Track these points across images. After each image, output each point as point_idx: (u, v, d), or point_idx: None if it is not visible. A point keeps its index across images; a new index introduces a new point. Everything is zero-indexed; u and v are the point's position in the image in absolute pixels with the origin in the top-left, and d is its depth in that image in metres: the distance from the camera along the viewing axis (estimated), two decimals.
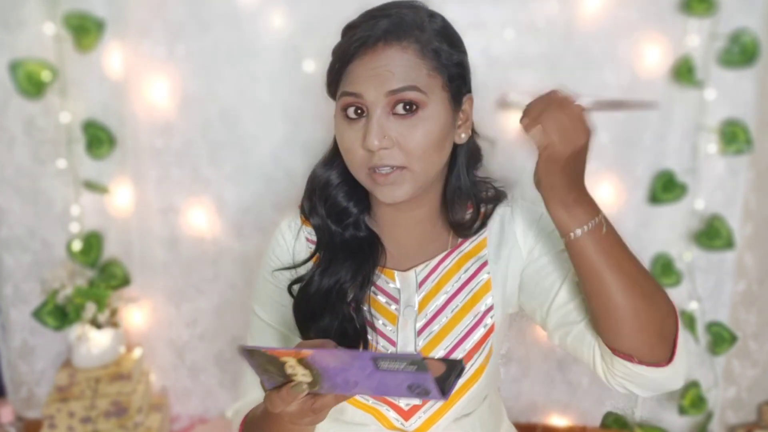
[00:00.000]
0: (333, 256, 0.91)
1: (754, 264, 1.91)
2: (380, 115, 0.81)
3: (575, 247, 0.79)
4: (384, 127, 0.81)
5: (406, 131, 0.82)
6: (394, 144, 0.82)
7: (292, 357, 0.66)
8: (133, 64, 1.75)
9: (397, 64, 0.81)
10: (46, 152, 1.80)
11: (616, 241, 0.80)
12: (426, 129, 0.83)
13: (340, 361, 0.66)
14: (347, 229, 0.93)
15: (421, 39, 0.83)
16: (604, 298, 0.79)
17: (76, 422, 1.74)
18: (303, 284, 0.91)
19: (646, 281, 0.81)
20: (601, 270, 0.78)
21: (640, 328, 0.80)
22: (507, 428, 1.06)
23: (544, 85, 1.76)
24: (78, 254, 1.81)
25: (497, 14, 1.73)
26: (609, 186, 1.83)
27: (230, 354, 1.94)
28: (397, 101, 0.81)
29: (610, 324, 0.81)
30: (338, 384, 0.68)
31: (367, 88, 0.81)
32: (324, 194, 0.93)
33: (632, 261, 0.81)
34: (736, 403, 2.00)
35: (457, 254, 0.93)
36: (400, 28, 0.82)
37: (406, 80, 0.81)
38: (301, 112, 1.76)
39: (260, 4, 1.72)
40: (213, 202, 1.84)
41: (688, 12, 1.71)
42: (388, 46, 0.82)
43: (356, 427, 0.94)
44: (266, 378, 0.70)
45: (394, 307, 0.92)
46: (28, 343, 1.92)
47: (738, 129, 1.77)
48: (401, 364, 0.64)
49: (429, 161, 0.84)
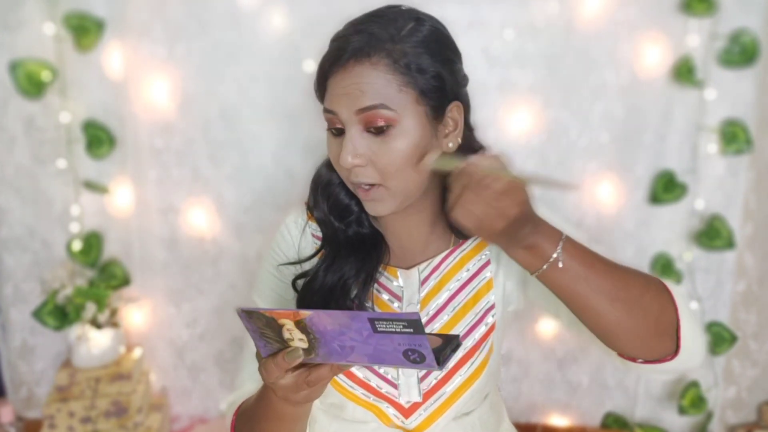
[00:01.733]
0: (337, 253, 0.92)
1: (754, 264, 1.91)
2: (354, 133, 0.81)
3: (546, 280, 0.78)
4: (356, 146, 0.81)
5: (378, 149, 0.81)
6: (368, 162, 0.82)
7: (290, 319, 0.67)
8: (133, 64, 1.75)
9: (366, 81, 0.80)
10: (46, 152, 1.80)
11: (586, 262, 0.79)
12: (398, 146, 0.81)
13: (338, 322, 0.66)
14: (350, 226, 0.93)
15: (393, 54, 0.81)
16: (589, 318, 0.80)
17: (76, 422, 1.74)
18: (308, 279, 0.92)
19: (628, 290, 0.79)
20: (578, 294, 0.78)
21: (634, 336, 0.80)
22: (507, 428, 1.06)
23: (544, 85, 1.75)
24: (78, 254, 1.81)
25: (497, 14, 1.73)
26: (609, 186, 1.83)
27: (230, 354, 1.95)
28: (367, 119, 0.80)
29: (604, 337, 0.81)
30: (334, 350, 0.68)
31: (340, 107, 0.82)
32: (326, 192, 0.94)
33: (609, 275, 0.79)
34: (736, 403, 2.00)
35: (459, 253, 0.94)
36: (370, 44, 0.81)
37: (376, 98, 0.80)
38: (301, 112, 1.76)
39: (260, 4, 1.72)
40: (213, 202, 1.84)
41: (688, 12, 1.71)
42: (359, 63, 0.81)
43: (356, 424, 0.94)
44: (263, 344, 0.71)
45: (396, 305, 0.93)
46: (28, 343, 1.92)
47: (738, 129, 1.77)
48: (398, 326, 0.64)
49: (404, 178, 0.83)
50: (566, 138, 1.81)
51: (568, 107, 1.79)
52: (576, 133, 1.80)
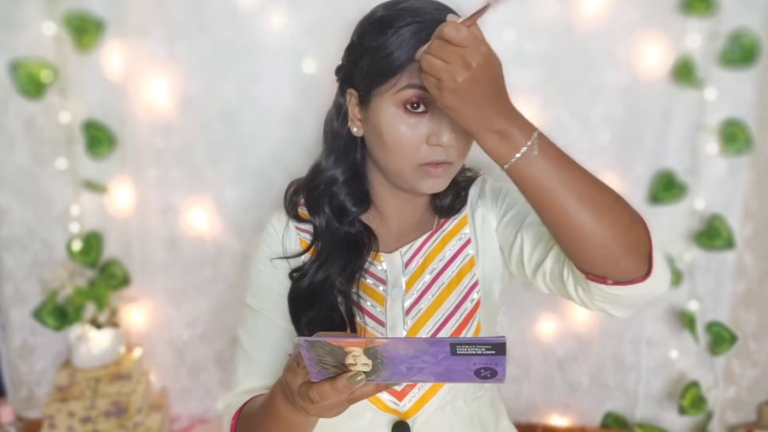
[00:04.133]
0: (330, 251, 0.93)
1: (754, 264, 1.91)
2: (444, 112, 0.80)
3: (515, 174, 0.76)
4: (453, 125, 0.83)
5: (460, 130, 0.84)
6: (454, 142, 0.85)
7: (360, 347, 0.65)
8: (133, 64, 1.75)
9: None
10: (46, 152, 1.80)
11: (560, 159, 0.77)
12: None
13: (414, 347, 0.65)
14: (344, 226, 0.95)
15: None
16: (558, 220, 0.76)
17: (76, 422, 1.74)
18: (299, 274, 0.94)
19: (600, 194, 0.76)
20: (549, 191, 0.75)
21: (603, 243, 0.74)
22: (506, 427, 1.06)
23: (544, 85, 1.76)
24: (78, 254, 1.81)
25: (497, 14, 1.72)
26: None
27: (230, 354, 1.94)
28: None
29: (573, 247, 0.77)
30: (400, 372, 0.67)
31: None
32: (329, 191, 0.95)
33: (581, 176, 0.77)
34: (736, 403, 2.00)
35: (440, 234, 0.97)
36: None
37: None
38: (301, 112, 1.76)
39: (260, 4, 1.72)
40: (213, 202, 1.84)
41: (688, 12, 1.71)
42: None
43: (353, 419, 0.93)
44: (317, 371, 0.68)
45: (381, 288, 0.94)
46: (28, 343, 1.92)
47: (738, 129, 1.77)
48: (481, 349, 0.63)
49: (465, 159, 0.90)
50: (566, 138, 1.80)
51: (568, 107, 1.79)
52: (576, 133, 1.80)
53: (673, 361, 1.93)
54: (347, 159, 0.94)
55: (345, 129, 0.93)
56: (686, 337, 1.90)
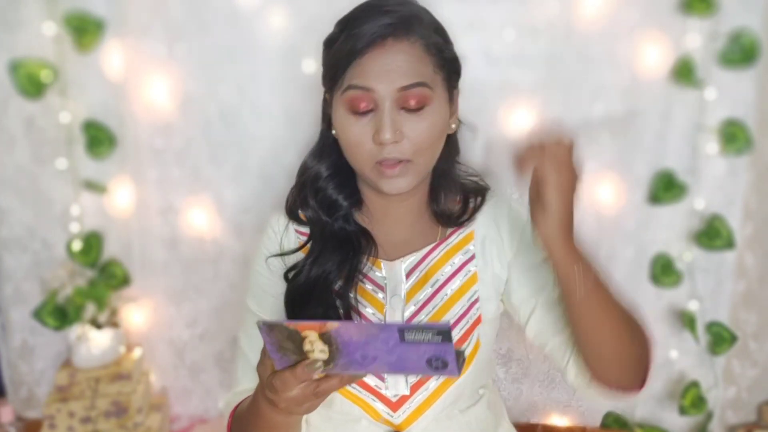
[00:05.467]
0: (323, 247, 0.93)
1: (754, 264, 1.91)
2: (390, 109, 0.83)
3: (579, 299, 0.81)
4: (395, 122, 0.83)
5: (415, 126, 0.84)
6: (404, 138, 0.84)
7: (315, 330, 0.66)
8: (133, 64, 1.75)
9: (406, 59, 0.83)
10: (46, 152, 1.80)
11: (606, 287, 0.83)
12: (432, 123, 0.85)
13: (365, 333, 0.66)
14: (337, 221, 0.95)
15: (425, 34, 0.84)
16: (595, 342, 0.84)
17: (76, 422, 1.74)
18: (295, 272, 0.94)
19: (631, 322, 0.84)
20: (597, 318, 0.81)
21: (625, 366, 0.84)
22: (507, 428, 1.06)
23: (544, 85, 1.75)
24: (78, 254, 1.81)
25: (497, 14, 1.73)
26: (609, 186, 1.83)
27: (230, 354, 1.94)
28: (407, 97, 0.83)
29: (596, 362, 0.86)
30: (355, 360, 0.68)
31: (379, 84, 0.82)
32: (314, 187, 0.96)
33: (619, 304, 0.84)
34: (736, 403, 2.00)
35: (445, 247, 0.96)
36: (408, 24, 0.83)
37: (416, 76, 0.83)
38: (301, 112, 1.76)
39: (260, 4, 1.72)
40: (213, 202, 1.84)
41: (688, 12, 1.71)
42: (398, 41, 0.83)
43: (349, 424, 0.94)
44: (279, 356, 0.70)
45: (381, 296, 0.94)
46: (28, 343, 1.92)
47: (738, 129, 1.77)
48: (427, 335, 0.64)
49: (431, 154, 0.88)
50: None
51: (568, 107, 1.79)
52: (576, 133, 1.80)
53: (673, 361, 1.93)
54: (330, 157, 0.95)
55: (327, 130, 0.95)
56: (686, 337, 1.90)
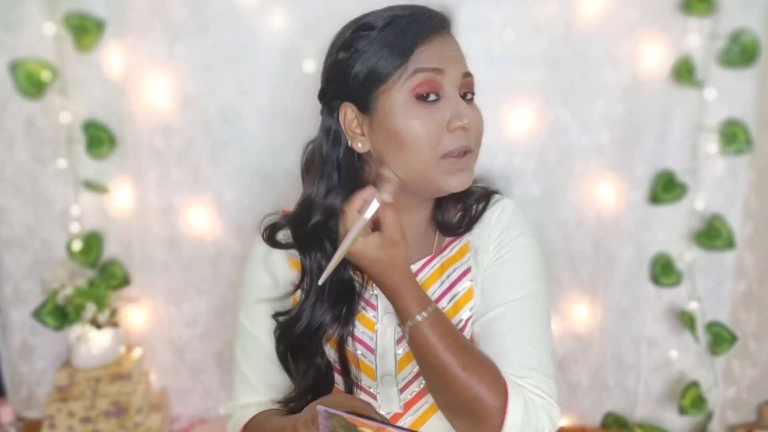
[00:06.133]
0: (320, 293, 0.87)
1: (754, 264, 1.91)
2: (458, 95, 0.82)
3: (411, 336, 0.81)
4: (469, 106, 0.83)
5: (475, 114, 0.83)
6: (471, 125, 0.82)
7: (372, 429, 0.68)
8: (133, 64, 1.75)
9: (460, 50, 0.85)
10: (46, 152, 1.80)
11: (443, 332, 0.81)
12: (480, 114, 0.86)
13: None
14: (346, 270, 0.88)
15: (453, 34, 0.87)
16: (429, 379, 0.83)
17: (76, 422, 1.74)
18: (290, 319, 0.89)
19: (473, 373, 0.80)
20: (424, 365, 0.81)
21: (450, 411, 0.83)
22: None
23: (544, 85, 1.75)
24: (78, 254, 1.81)
25: (498, 14, 1.73)
26: (609, 186, 1.83)
27: (230, 354, 1.94)
28: (468, 84, 0.84)
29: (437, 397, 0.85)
30: None
31: (450, 67, 0.82)
32: (326, 227, 0.87)
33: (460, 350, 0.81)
34: (736, 403, 2.00)
35: (439, 260, 0.90)
36: (451, 20, 0.86)
37: (468, 66, 0.85)
38: (301, 112, 1.76)
39: (260, 4, 1.72)
40: (213, 202, 1.84)
41: (688, 12, 1.71)
42: (449, 34, 0.85)
43: None
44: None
45: (371, 314, 0.89)
46: (28, 343, 1.92)
47: (738, 129, 1.77)
48: None
49: (480, 145, 0.87)
50: (566, 138, 1.81)
51: (568, 107, 1.79)
52: (576, 133, 1.80)
53: (673, 361, 1.93)
54: (348, 183, 0.85)
55: (337, 152, 0.86)
56: (686, 337, 1.90)
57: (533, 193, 1.84)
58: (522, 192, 1.83)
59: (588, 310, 1.92)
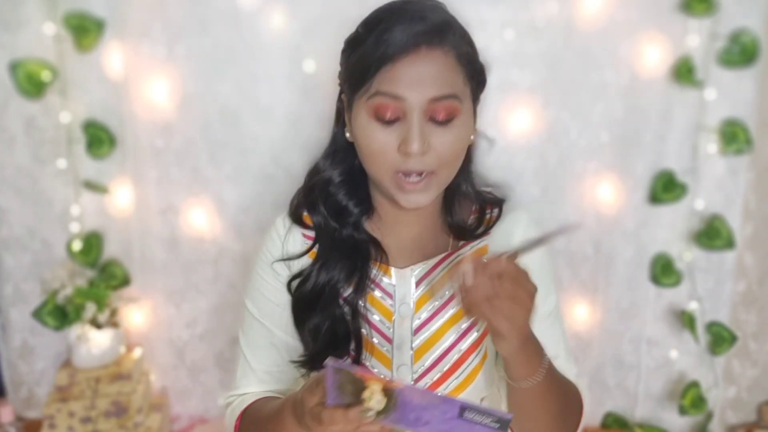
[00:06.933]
0: (330, 254, 0.91)
1: (754, 264, 1.91)
2: (419, 120, 0.79)
3: (519, 389, 0.82)
4: (424, 133, 0.80)
5: (442, 138, 0.81)
6: (430, 149, 0.81)
7: (380, 383, 0.68)
8: (133, 64, 1.75)
9: (439, 69, 0.79)
10: (46, 152, 1.80)
11: (551, 379, 0.84)
12: (458, 136, 0.82)
13: (427, 400, 0.67)
14: (346, 228, 0.92)
15: (457, 44, 0.81)
16: (528, 425, 0.87)
17: (76, 422, 1.74)
18: (301, 280, 0.91)
19: (568, 404, 0.89)
20: (534, 406, 0.84)
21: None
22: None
23: (544, 85, 1.74)
24: (78, 254, 1.81)
25: (497, 14, 1.73)
26: (609, 186, 1.83)
27: (230, 354, 1.94)
28: (437, 108, 0.80)
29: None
30: (407, 419, 0.69)
31: (411, 92, 0.78)
32: (325, 191, 0.92)
33: (560, 390, 0.87)
34: (736, 403, 2.00)
35: (456, 257, 0.92)
36: (442, 32, 0.80)
37: (447, 87, 0.80)
38: (301, 112, 1.76)
39: (260, 4, 1.72)
40: (213, 202, 1.84)
41: (688, 12, 1.71)
42: (431, 50, 0.79)
43: None
44: (335, 394, 0.70)
45: (389, 303, 0.91)
46: (28, 343, 1.92)
47: (738, 129, 1.77)
48: (487, 419, 0.66)
49: (454, 167, 0.85)
50: (566, 138, 1.81)
51: (568, 107, 1.79)
52: (576, 133, 1.80)
53: (673, 361, 1.94)
54: (344, 162, 0.92)
55: (341, 133, 0.91)
56: (686, 337, 1.90)
57: (533, 193, 1.84)
58: (522, 192, 1.83)
59: (588, 310, 1.92)
